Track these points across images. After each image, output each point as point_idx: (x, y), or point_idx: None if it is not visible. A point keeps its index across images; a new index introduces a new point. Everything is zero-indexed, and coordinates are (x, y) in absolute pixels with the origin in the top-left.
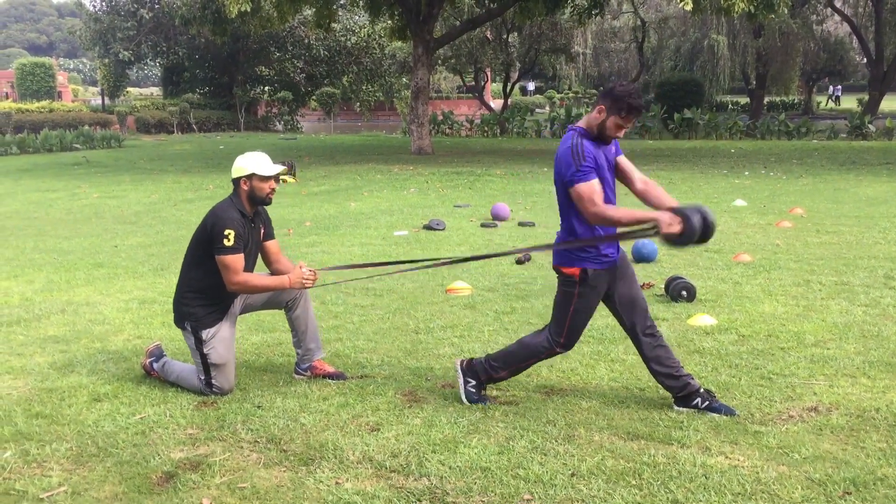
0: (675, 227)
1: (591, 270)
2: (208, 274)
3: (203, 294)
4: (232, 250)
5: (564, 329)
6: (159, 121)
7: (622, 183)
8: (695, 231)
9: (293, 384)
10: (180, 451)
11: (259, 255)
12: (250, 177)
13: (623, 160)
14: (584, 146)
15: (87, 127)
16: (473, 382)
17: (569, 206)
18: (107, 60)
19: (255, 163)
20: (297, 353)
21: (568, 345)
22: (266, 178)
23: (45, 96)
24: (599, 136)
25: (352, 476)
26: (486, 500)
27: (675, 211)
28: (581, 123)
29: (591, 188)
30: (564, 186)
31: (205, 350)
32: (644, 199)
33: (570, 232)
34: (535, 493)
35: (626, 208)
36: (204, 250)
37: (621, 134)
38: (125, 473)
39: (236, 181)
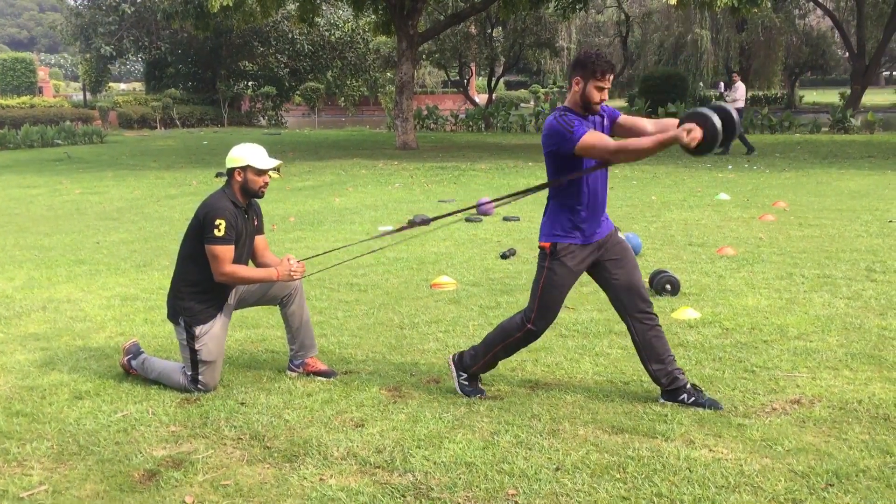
0: (696, 133)
1: (560, 244)
2: (203, 266)
3: (198, 287)
4: (222, 240)
5: (535, 304)
6: (142, 116)
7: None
8: (717, 130)
9: (277, 380)
10: (163, 448)
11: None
12: (245, 168)
13: (625, 118)
14: (568, 117)
15: (68, 122)
16: (465, 375)
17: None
18: (88, 55)
19: (251, 155)
20: (291, 350)
21: (539, 323)
22: (261, 172)
23: (26, 92)
24: (586, 108)
25: (336, 472)
26: (470, 495)
27: (686, 120)
28: (562, 104)
29: (594, 136)
30: (558, 155)
31: (196, 346)
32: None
33: (556, 206)
34: (520, 487)
35: (644, 138)
36: (197, 242)
37: (605, 96)
38: (107, 472)
39: (230, 171)
